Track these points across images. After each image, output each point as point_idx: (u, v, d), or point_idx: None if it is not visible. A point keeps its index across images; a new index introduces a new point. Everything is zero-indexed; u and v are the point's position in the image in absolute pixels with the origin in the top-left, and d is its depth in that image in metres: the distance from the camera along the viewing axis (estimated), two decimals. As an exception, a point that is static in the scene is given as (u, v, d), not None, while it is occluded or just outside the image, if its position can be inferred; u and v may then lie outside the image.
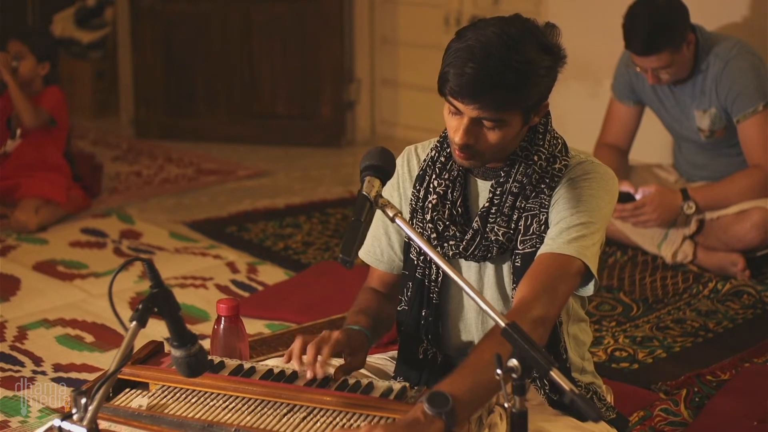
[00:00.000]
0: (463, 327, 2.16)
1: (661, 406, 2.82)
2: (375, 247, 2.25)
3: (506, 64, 1.89)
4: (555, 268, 1.97)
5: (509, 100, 1.93)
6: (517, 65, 1.90)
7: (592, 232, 2.01)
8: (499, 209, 2.06)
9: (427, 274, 2.14)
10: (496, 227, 2.06)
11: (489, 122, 1.96)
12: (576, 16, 4.99)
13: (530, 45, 1.93)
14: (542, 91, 1.98)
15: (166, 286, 1.78)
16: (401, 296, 2.19)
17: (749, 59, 3.75)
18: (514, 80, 1.90)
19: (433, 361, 2.15)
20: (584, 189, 2.04)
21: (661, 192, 3.81)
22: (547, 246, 2.01)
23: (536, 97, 1.97)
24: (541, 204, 2.04)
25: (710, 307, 3.57)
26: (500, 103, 1.93)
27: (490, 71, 1.89)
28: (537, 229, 2.04)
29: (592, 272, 2.01)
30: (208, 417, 1.91)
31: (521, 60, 1.90)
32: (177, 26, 6.14)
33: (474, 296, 1.76)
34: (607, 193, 2.06)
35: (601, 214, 2.04)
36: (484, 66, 1.89)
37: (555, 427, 1.99)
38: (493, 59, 1.89)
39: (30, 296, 3.73)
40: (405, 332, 2.19)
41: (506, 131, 1.98)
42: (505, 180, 2.06)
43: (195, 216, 4.72)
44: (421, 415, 1.71)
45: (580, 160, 2.10)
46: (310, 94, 6.00)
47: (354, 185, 5.16)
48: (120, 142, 6.16)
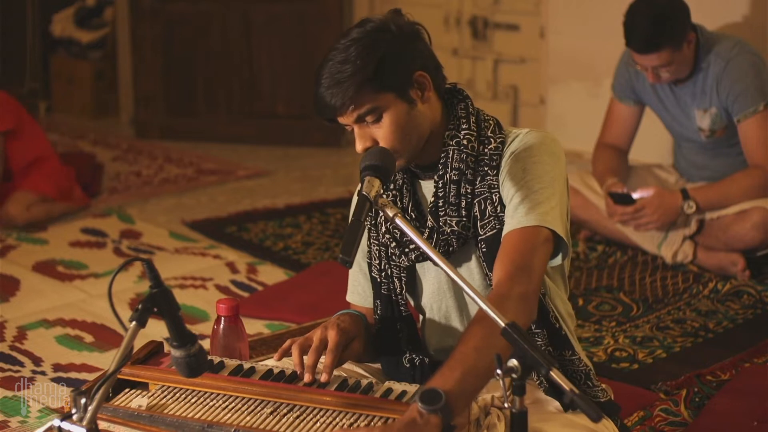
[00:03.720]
0: (446, 330, 2.17)
1: (661, 406, 2.82)
2: (356, 286, 2.26)
3: (345, 59, 1.97)
4: (522, 242, 1.96)
5: (358, 85, 1.96)
6: (353, 55, 1.96)
7: (547, 197, 2.00)
8: (445, 201, 2.06)
9: (392, 288, 2.15)
10: (448, 219, 2.05)
11: (369, 117, 1.99)
12: (576, 16, 4.99)
13: (365, 35, 1.99)
14: (397, 65, 1.99)
15: (166, 286, 1.77)
16: (375, 316, 2.20)
17: (750, 59, 3.75)
18: (354, 67, 1.96)
19: (421, 367, 2.15)
20: (526, 159, 2.03)
21: (660, 194, 3.81)
22: (508, 224, 2.00)
23: (390, 71, 1.98)
24: (489, 186, 2.04)
25: (710, 307, 3.57)
26: (353, 92, 1.96)
27: (335, 74, 1.97)
28: (492, 211, 2.03)
29: (561, 235, 2.00)
30: (208, 417, 1.91)
31: (356, 48, 1.97)
32: (177, 26, 6.14)
33: (468, 290, 1.76)
34: (550, 155, 2.05)
35: (550, 177, 2.02)
36: (330, 75, 1.98)
37: (551, 426, 1.99)
38: (335, 64, 1.98)
39: (30, 296, 3.73)
40: (385, 349, 2.19)
41: (391, 118, 1.99)
42: (444, 171, 2.06)
43: (195, 216, 4.72)
44: (417, 415, 1.71)
45: (516, 134, 2.09)
46: (310, 94, 5.95)
47: (354, 185, 5.16)
48: (120, 142, 6.16)
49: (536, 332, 2.05)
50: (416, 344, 2.17)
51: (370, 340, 2.20)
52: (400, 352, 2.17)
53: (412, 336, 2.17)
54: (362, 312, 2.23)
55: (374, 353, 2.23)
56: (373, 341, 2.21)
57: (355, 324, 2.14)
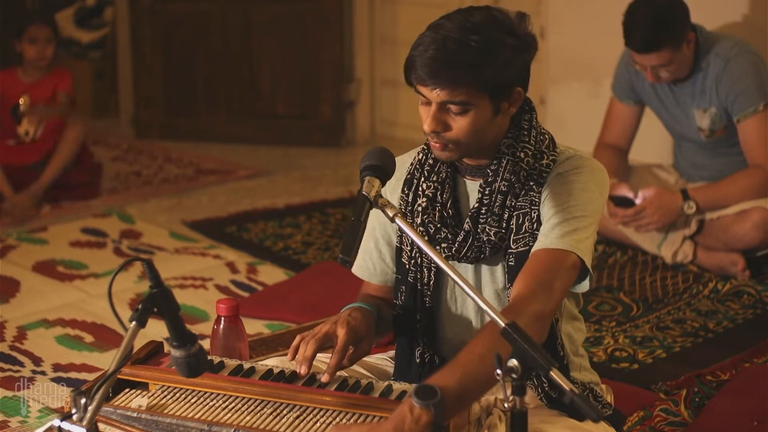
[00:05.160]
0: (460, 330, 2.15)
1: (661, 406, 2.82)
2: (366, 261, 2.24)
3: (464, 43, 1.93)
4: (550, 263, 1.96)
5: (468, 77, 1.93)
6: (475, 44, 1.93)
7: (585, 225, 2.00)
8: (489, 209, 2.05)
9: (420, 277, 2.13)
10: (488, 227, 2.05)
11: (455, 106, 1.97)
12: (576, 16, 4.99)
13: (491, 27, 1.96)
14: (508, 74, 1.98)
15: (166, 286, 1.77)
16: (395, 300, 2.19)
17: (750, 59, 3.75)
18: (472, 57, 1.93)
19: (431, 365, 2.14)
20: (574, 183, 2.03)
21: (660, 194, 3.81)
22: (540, 242, 2.00)
23: (501, 78, 1.97)
24: (531, 202, 2.03)
25: (710, 307, 3.57)
26: (459, 79, 1.93)
27: (448, 52, 1.93)
28: (529, 227, 2.03)
29: (587, 266, 2.00)
30: (208, 417, 1.91)
31: (479, 39, 1.93)
32: (177, 26, 6.14)
33: (473, 295, 1.75)
34: (597, 186, 2.05)
35: (592, 208, 2.03)
36: (442, 48, 1.93)
37: (553, 428, 1.99)
38: (451, 41, 1.93)
39: (30, 296, 3.73)
40: (401, 336, 2.19)
41: (474, 117, 1.98)
42: (494, 179, 2.05)
43: (195, 216, 4.72)
44: (408, 411, 1.70)
45: (569, 156, 2.09)
46: (310, 94, 6.00)
47: (354, 185, 5.16)
48: (120, 142, 6.16)
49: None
50: (431, 338, 2.16)
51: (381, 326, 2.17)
52: (414, 344, 2.15)
53: (428, 329, 2.15)
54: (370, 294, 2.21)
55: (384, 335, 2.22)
56: (384, 325, 2.19)
57: (366, 323, 2.10)
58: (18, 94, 4.83)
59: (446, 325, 2.17)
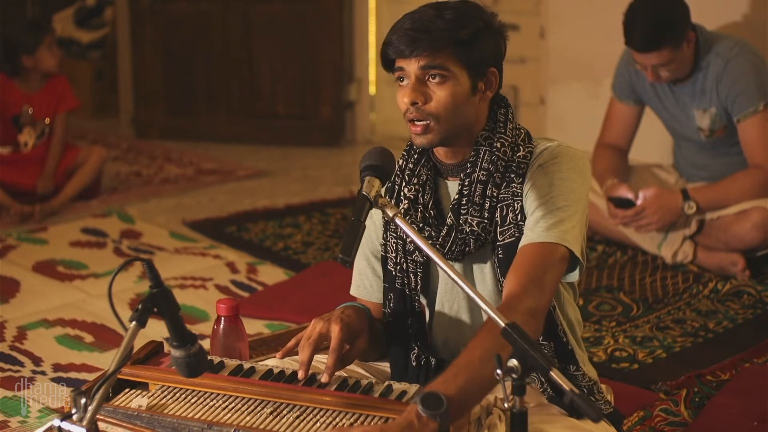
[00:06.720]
0: (453, 330, 2.15)
1: (661, 406, 2.82)
2: (363, 280, 2.24)
3: (439, 15, 1.99)
4: (539, 257, 1.96)
5: (445, 39, 1.97)
6: (449, 16, 1.99)
7: (570, 215, 2.00)
8: (469, 199, 2.05)
9: (406, 283, 2.14)
10: (470, 218, 2.05)
11: (435, 76, 1.99)
12: (576, 16, 4.99)
13: (463, 7, 2.02)
14: (482, 48, 2.01)
15: (166, 286, 1.77)
16: (384, 309, 2.19)
17: (750, 59, 3.75)
18: (448, 23, 1.97)
19: (427, 367, 2.14)
20: (554, 173, 2.03)
21: (660, 194, 3.81)
22: (527, 237, 2.00)
23: (476, 49, 1.99)
24: (513, 193, 2.03)
25: (710, 307, 3.57)
26: (437, 42, 1.97)
27: (425, 21, 1.99)
28: (513, 218, 2.03)
29: (577, 255, 2.00)
30: (208, 417, 1.91)
31: (453, 12, 1.99)
32: (177, 26, 6.14)
33: (473, 295, 1.75)
34: (578, 173, 2.05)
35: (575, 196, 2.02)
36: (418, 20, 1.99)
37: (554, 428, 1.98)
38: (426, 15, 2.00)
39: (30, 296, 3.73)
40: (394, 343, 2.18)
41: (453, 88, 1.99)
42: (472, 170, 2.05)
43: (195, 216, 4.72)
44: (415, 418, 1.71)
45: (545, 147, 2.09)
46: (310, 94, 6.00)
47: (354, 185, 5.16)
48: (120, 142, 6.16)
49: (543, 344, 2.05)
50: (425, 341, 2.16)
51: (376, 336, 2.18)
52: (408, 348, 2.15)
53: (421, 332, 2.15)
54: (367, 306, 2.22)
55: (379, 350, 2.22)
56: (379, 336, 2.19)
57: (360, 319, 2.11)
58: (18, 105, 4.80)
59: (438, 327, 2.17)
